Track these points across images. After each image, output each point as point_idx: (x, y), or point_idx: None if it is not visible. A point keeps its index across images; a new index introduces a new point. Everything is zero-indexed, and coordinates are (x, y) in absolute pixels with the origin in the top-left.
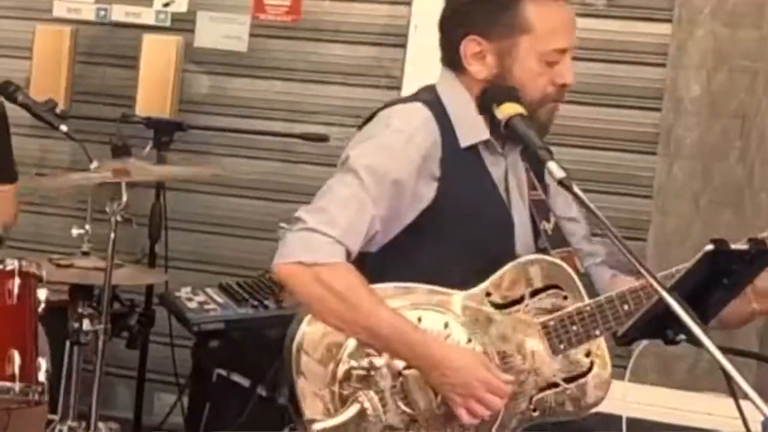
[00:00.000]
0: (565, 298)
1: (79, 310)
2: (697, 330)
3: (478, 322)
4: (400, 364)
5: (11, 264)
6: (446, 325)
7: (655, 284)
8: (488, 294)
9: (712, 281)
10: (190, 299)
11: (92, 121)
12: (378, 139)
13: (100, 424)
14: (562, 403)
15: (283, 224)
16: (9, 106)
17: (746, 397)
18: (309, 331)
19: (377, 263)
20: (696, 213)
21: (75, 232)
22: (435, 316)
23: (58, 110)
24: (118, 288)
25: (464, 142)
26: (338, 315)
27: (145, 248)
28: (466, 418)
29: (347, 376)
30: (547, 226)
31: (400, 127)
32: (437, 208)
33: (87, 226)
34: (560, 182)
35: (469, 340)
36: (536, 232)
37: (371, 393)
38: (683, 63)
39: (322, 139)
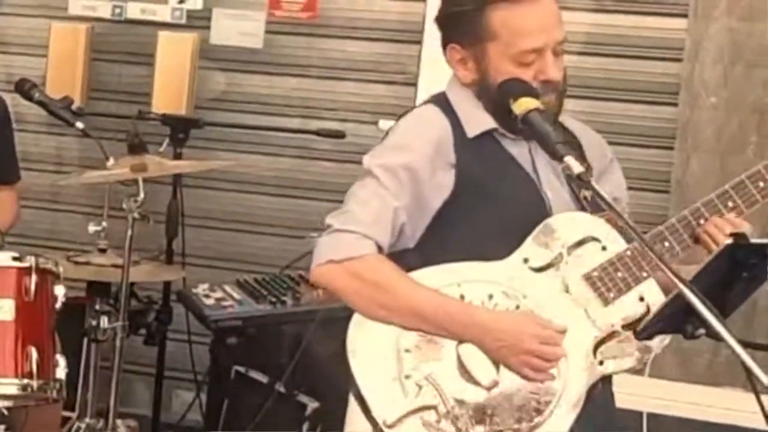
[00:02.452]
0: (604, 248)
1: (97, 307)
2: (717, 324)
3: (522, 288)
4: (453, 341)
5: (28, 261)
6: (491, 297)
7: (674, 278)
8: (525, 260)
9: (732, 275)
10: (207, 296)
11: (108, 118)
12: (390, 141)
13: (119, 422)
14: (626, 351)
15: (313, 234)
16: (25, 104)
17: (767, 391)
18: (357, 331)
19: (418, 257)
20: None
21: (92, 228)
22: (478, 290)
23: (74, 107)
24: (136, 285)
25: (471, 133)
26: (379, 304)
27: (162, 245)
28: (529, 375)
29: (407, 364)
30: (587, 194)
31: (410, 126)
32: (461, 193)
33: (104, 223)
34: (578, 177)
35: (517, 307)
36: (580, 205)
37: (434, 375)
38: (699, 58)
39: (338, 135)
